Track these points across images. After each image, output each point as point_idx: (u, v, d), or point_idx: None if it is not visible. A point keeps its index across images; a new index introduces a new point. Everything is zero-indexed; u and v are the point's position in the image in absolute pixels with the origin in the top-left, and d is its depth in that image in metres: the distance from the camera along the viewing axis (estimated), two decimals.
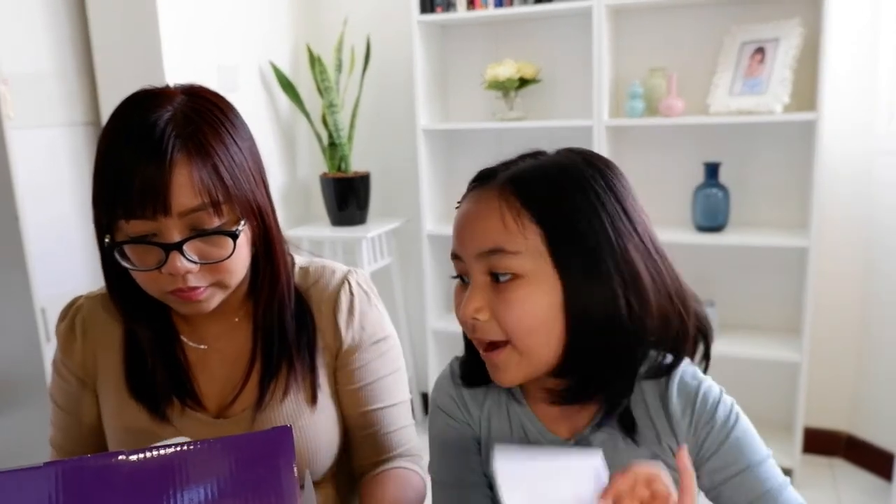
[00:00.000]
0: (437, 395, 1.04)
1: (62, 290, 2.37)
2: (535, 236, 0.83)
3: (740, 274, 2.94)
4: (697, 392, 0.92)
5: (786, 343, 2.80)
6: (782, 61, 2.59)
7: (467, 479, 0.99)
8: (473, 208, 0.89)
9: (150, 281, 1.01)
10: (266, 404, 1.12)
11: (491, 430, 0.98)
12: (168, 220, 0.96)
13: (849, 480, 2.80)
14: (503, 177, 0.88)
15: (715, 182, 2.76)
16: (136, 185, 0.94)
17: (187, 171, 0.96)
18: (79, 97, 2.54)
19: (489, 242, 0.84)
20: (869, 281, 2.79)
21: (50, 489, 0.74)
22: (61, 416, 1.18)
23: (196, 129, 0.99)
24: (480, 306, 0.86)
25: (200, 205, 0.97)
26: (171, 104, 1.00)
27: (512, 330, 0.85)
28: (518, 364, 0.86)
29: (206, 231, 0.99)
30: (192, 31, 2.66)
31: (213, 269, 1.01)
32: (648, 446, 0.92)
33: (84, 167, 2.56)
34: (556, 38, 3.05)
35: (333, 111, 3.11)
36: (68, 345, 1.16)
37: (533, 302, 0.83)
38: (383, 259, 3.28)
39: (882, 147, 2.67)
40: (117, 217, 0.96)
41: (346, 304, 1.17)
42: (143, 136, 0.95)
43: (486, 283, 0.86)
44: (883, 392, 2.75)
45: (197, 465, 0.76)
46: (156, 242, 0.97)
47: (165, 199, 0.95)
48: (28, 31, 2.35)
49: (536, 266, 0.83)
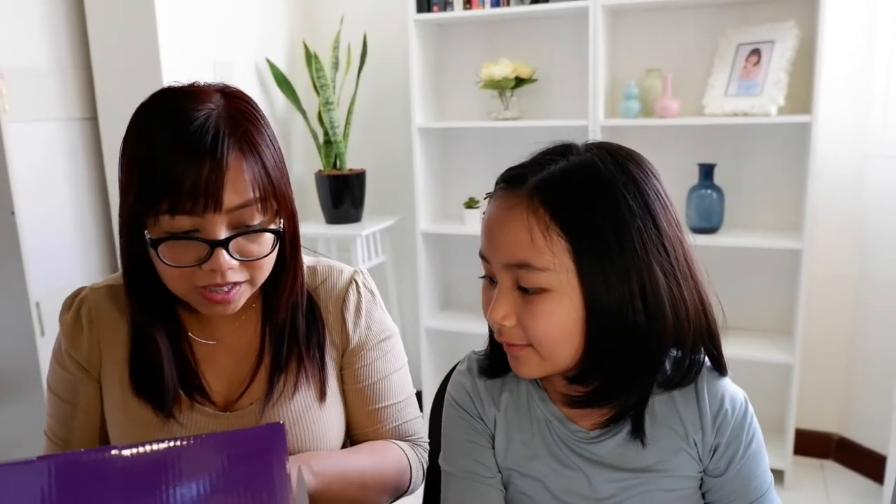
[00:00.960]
0: (452, 389, 1.05)
1: (57, 284, 2.38)
2: (562, 252, 0.83)
3: (733, 276, 2.95)
4: (733, 401, 0.93)
5: (778, 345, 2.81)
6: (777, 63, 2.59)
7: (479, 472, 1.00)
8: (502, 216, 0.87)
9: (181, 278, 1.00)
10: (275, 399, 1.13)
11: (509, 423, 0.99)
12: (216, 216, 0.96)
13: (840, 482, 2.81)
14: (532, 183, 0.86)
15: (709, 183, 2.77)
16: (187, 182, 0.94)
17: (240, 168, 0.98)
18: (76, 92, 2.54)
19: (517, 256, 0.85)
20: (862, 284, 2.80)
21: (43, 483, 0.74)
22: (61, 407, 1.17)
23: (244, 128, 1.00)
24: (507, 313, 0.87)
25: (249, 201, 0.99)
26: (211, 102, 1.00)
27: (536, 339, 0.86)
28: (539, 364, 0.89)
29: (250, 228, 1.00)
30: (190, 28, 2.66)
31: (248, 266, 1.03)
32: (673, 440, 0.92)
33: (80, 162, 2.56)
34: (553, 37, 3.05)
35: (329, 109, 3.11)
36: (74, 335, 1.15)
37: (558, 315, 0.84)
38: (378, 257, 3.28)
39: (876, 150, 2.68)
40: (160, 212, 0.96)
41: (353, 304, 1.20)
42: (195, 132, 0.96)
43: (513, 290, 0.87)
44: (874, 394, 2.76)
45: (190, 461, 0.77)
46: (201, 238, 0.97)
47: (218, 196, 0.95)
48: (25, 26, 2.35)
49: (563, 280, 0.84)
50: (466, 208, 3.10)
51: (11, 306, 2.21)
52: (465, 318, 3.29)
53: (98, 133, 2.60)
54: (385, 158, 3.43)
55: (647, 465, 0.92)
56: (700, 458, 0.92)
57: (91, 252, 2.61)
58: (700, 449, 0.92)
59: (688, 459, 0.92)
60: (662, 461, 0.92)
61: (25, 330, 2.21)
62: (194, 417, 1.11)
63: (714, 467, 0.93)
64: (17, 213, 2.14)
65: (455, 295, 3.48)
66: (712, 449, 0.92)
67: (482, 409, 1.01)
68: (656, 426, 0.92)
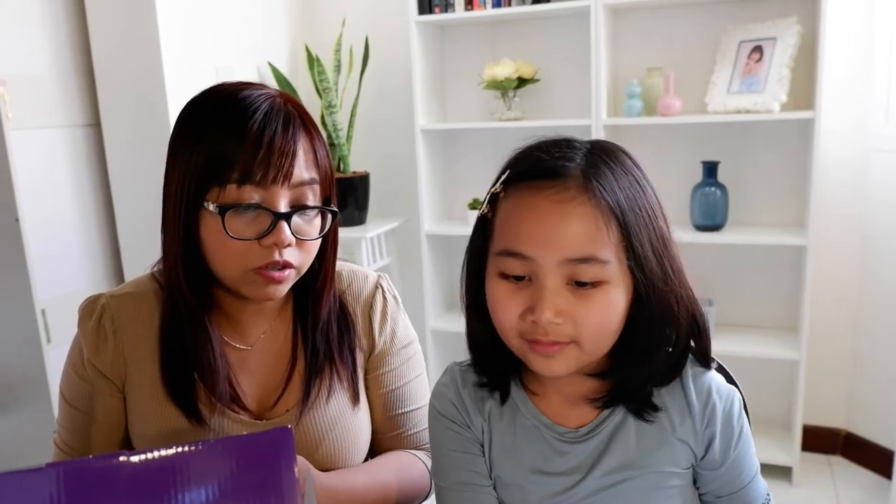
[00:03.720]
0: (436, 402, 1.02)
1: (62, 291, 2.38)
2: (618, 241, 0.82)
3: (738, 273, 2.95)
4: (720, 392, 0.93)
5: (784, 341, 2.80)
6: (780, 60, 2.59)
7: (473, 482, 0.98)
8: (556, 209, 0.82)
9: (238, 256, 1.01)
10: (311, 404, 1.12)
11: (493, 432, 0.98)
12: (281, 189, 0.99)
13: (847, 478, 2.81)
14: (583, 174, 0.83)
15: (713, 181, 2.77)
16: (261, 152, 0.97)
17: (308, 144, 1.03)
18: (78, 99, 2.54)
19: (582, 251, 0.81)
20: (866, 278, 2.79)
21: (51, 490, 0.74)
22: (77, 418, 1.12)
23: (307, 116, 1.06)
24: (563, 310, 0.82)
25: (313, 179, 1.03)
26: (268, 91, 1.05)
27: (589, 333, 0.84)
28: (577, 359, 0.86)
29: (310, 206, 1.03)
30: (191, 33, 2.66)
31: (301, 248, 1.05)
32: (660, 433, 0.92)
33: (84, 169, 2.56)
34: (554, 37, 3.05)
35: (332, 112, 3.11)
36: (98, 344, 1.10)
37: (615, 306, 0.84)
38: (382, 259, 3.28)
39: (878, 146, 2.68)
40: (229, 181, 0.98)
41: (379, 309, 1.21)
42: (267, 111, 1.00)
43: (564, 287, 0.83)
44: (881, 389, 2.76)
45: (198, 466, 0.76)
46: (267, 208, 0.99)
47: (289, 169, 0.99)
48: (27, 33, 2.35)
49: (618, 270, 0.83)
50: (470, 209, 3.10)
51: (17, 313, 2.21)
52: None
53: (101, 139, 2.61)
54: (388, 160, 3.43)
55: (633, 459, 0.91)
56: (693, 451, 0.92)
57: (96, 258, 2.62)
58: (692, 442, 0.92)
59: (675, 453, 0.91)
60: (649, 455, 0.91)
61: (31, 337, 2.21)
62: (228, 425, 1.09)
63: (710, 459, 0.93)
64: (21, 220, 2.14)
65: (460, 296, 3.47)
66: (707, 441, 0.92)
67: (469, 418, 0.99)
68: (644, 421, 0.92)
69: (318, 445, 1.12)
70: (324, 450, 1.12)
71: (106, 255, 2.65)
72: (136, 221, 2.62)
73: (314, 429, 1.12)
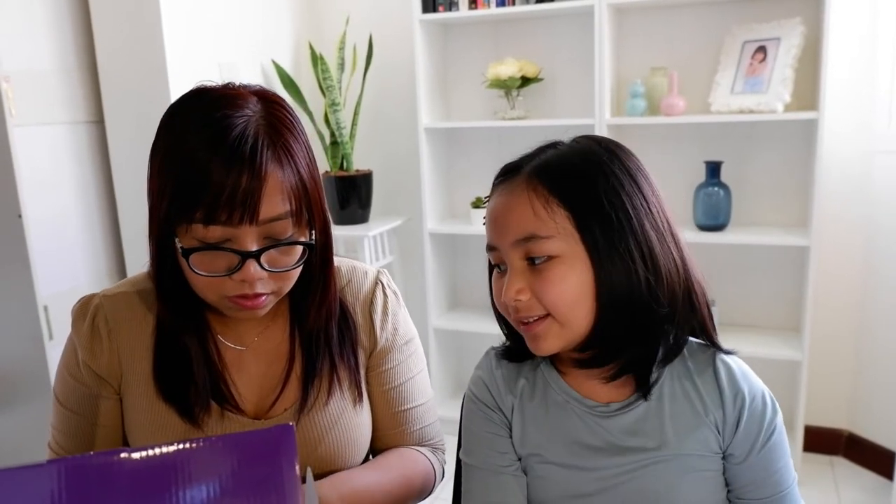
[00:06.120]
0: (472, 385, 1.09)
1: (64, 287, 2.39)
2: (564, 220, 0.91)
3: (741, 273, 2.94)
4: (752, 386, 0.98)
5: (786, 342, 2.80)
6: (783, 60, 2.59)
7: (499, 463, 1.03)
8: (504, 200, 0.95)
9: (211, 286, 0.99)
10: (311, 405, 1.12)
11: (525, 409, 1.03)
12: (250, 228, 0.95)
13: (849, 479, 2.80)
14: (528, 168, 0.95)
15: (716, 181, 2.76)
16: (225, 193, 0.92)
17: (277, 179, 0.96)
18: (81, 95, 2.55)
19: (523, 230, 0.91)
20: (869, 279, 2.79)
21: (52, 487, 0.74)
22: (72, 420, 1.11)
23: (283, 137, 0.98)
24: (521, 287, 0.92)
25: (284, 213, 0.97)
26: (248, 107, 0.98)
27: (553, 305, 0.91)
28: (558, 333, 0.93)
29: (281, 241, 0.99)
30: (195, 30, 2.67)
31: (277, 277, 1.02)
32: (693, 416, 0.95)
33: (87, 165, 2.57)
34: (558, 36, 3.05)
35: (335, 110, 3.11)
36: (93, 345, 1.09)
37: (569, 279, 0.90)
38: (385, 258, 3.28)
39: (881, 147, 2.67)
40: (194, 220, 0.94)
41: (380, 305, 1.20)
42: (234, 142, 0.93)
43: (524, 267, 0.93)
44: (883, 390, 2.76)
45: (199, 463, 0.76)
46: (233, 250, 0.96)
47: (255, 208, 0.94)
48: (31, 29, 2.36)
49: (568, 246, 0.90)
50: (473, 208, 3.10)
51: (19, 310, 2.21)
52: (474, 317, 3.29)
53: (104, 136, 2.61)
54: (392, 159, 3.43)
55: (665, 440, 0.95)
56: (721, 435, 0.95)
57: (98, 255, 2.62)
58: (721, 427, 0.95)
59: (707, 437, 0.95)
60: (681, 437, 0.94)
61: (33, 334, 2.22)
62: (224, 425, 1.09)
63: (735, 450, 0.95)
64: (24, 217, 2.15)
65: (463, 295, 3.48)
66: (733, 427, 0.95)
67: (500, 398, 1.05)
68: (676, 402, 0.96)
69: (317, 444, 1.12)
70: (324, 448, 1.12)
71: (108, 251, 2.65)
72: (138, 218, 2.60)
73: (314, 428, 1.12)
